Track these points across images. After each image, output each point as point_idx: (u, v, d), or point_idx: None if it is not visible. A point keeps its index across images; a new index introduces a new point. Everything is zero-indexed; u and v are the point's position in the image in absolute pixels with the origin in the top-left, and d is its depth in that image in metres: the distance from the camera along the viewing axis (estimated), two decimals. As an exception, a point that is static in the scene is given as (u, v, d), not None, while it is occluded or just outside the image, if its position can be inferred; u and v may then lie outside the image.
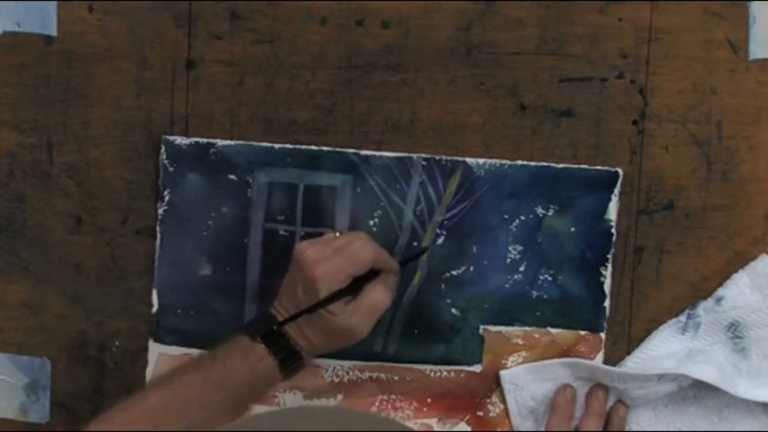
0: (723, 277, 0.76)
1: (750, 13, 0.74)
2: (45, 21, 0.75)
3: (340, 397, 0.77)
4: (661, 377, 0.74)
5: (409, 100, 0.75)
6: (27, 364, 0.78)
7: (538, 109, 0.75)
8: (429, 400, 0.77)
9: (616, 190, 0.75)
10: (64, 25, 0.75)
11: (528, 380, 0.76)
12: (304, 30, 0.75)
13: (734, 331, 0.75)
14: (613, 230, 0.75)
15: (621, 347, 0.77)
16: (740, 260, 0.76)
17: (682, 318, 0.76)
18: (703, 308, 0.76)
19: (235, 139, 0.75)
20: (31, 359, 0.78)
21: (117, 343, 0.77)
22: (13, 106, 0.76)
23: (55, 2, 0.75)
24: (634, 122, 0.75)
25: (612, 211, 0.75)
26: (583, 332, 0.76)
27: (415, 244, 0.76)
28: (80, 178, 0.76)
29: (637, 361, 0.76)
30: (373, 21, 0.75)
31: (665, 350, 0.76)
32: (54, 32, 0.75)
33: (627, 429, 0.76)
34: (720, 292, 0.76)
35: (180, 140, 0.75)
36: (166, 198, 0.76)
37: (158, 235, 0.76)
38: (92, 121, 0.76)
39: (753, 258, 0.76)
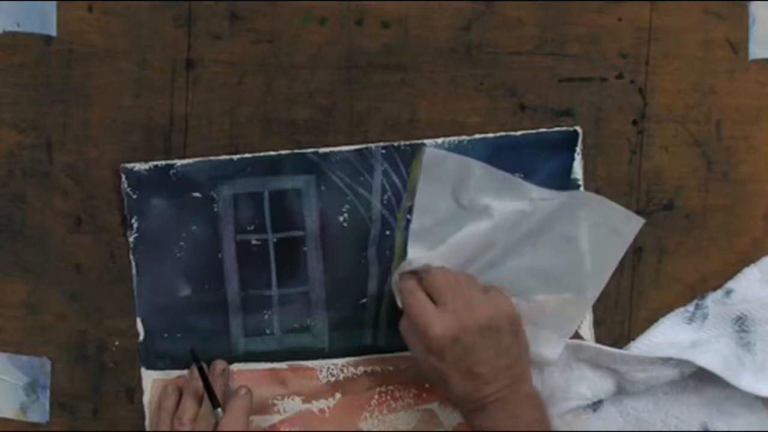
0: (723, 278, 0.76)
1: (750, 13, 0.74)
2: (45, 21, 0.75)
3: (338, 395, 0.77)
4: (665, 361, 0.74)
5: (409, 100, 0.75)
6: (26, 363, 0.78)
7: (538, 109, 0.75)
8: (427, 385, 0.77)
9: (578, 149, 0.75)
10: (64, 25, 0.75)
11: None
12: (304, 30, 0.75)
13: (741, 324, 0.75)
14: (581, 189, 0.75)
15: (620, 347, 0.76)
16: (740, 260, 0.76)
17: (690, 308, 0.76)
18: (712, 299, 0.76)
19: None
20: (30, 359, 0.78)
21: (117, 343, 0.77)
22: (12, 106, 0.76)
23: (54, 2, 0.75)
24: (634, 122, 0.75)
25: (577, 170, 0.75)
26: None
27: (388, 233, 0.76)
28: (80, 178, 0.76)
29: (641, 347, 0.76)
30: (373, 21, 0.75)
31: (670, 338, 0.76)
32: (54, 32, 0.75)
33: (624, 415, 0.76)
34: (730, 284, 0.76)
35: (138, 166, 0.75)
36: (135, 226, 0.76)
37: (133, 264, 0.76)
38: (92, 121, 0.76)
39: (753, 258, 0.76)
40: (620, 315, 0.77)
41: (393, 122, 0.76)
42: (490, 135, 0.75)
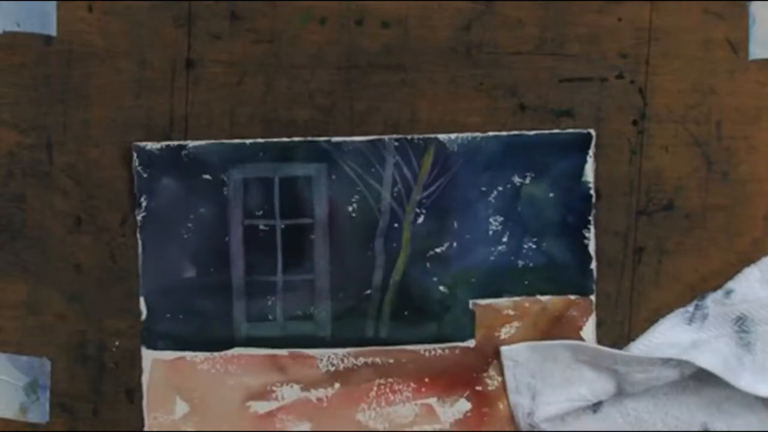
0: (723, 278, 0.76)
1: (750, 13, 0.74)
2: (45, 21, 0.75)
3: (337, 385, 0.77)
4: (665, 362, 0.74)
5: (409, 100, 0.75)
6: (26, 364, 0.78)
7: (538, 109, 0.75)
8: (426, 379, 0.77)
9: (591, 152, 0.75)
10: (64, 25, 0.75)
11: (529, 358, 0.76)
12: (304, 30, 0.75)
13: (741, 325, 0.75)
14: (592, 191, 0.75)
15: (621, 348, 0.77)
16: (740, 261, 0.76)
17: (690, 308, 0.76)
18: (712, 300, 0.76)
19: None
20: (30, 359, 0.78)
21: (117, 343, 0.77)
22: (12, 106, 0.76)
23: (54, 2, 0.75)
24: (634, 122, 0.75)
25: (589, 173, 0.75)
26: (572, 296, 0.76)
27: (396, 225, 0.76)
28: (80, 178, 0.76)
29: (641, 348, 0.76)
30: (373, 21, 0.75)
31: (670, 339, 0.76)
32: (54, 32, 0.75)
33: (625, 416, 0.77)
34: (730, 285, 0.76)
35: (151, 146, 0.75)
36: (143, 205, 0.76)
37: (139, 243, 0.76)
38: (92, 121, 0.76)
39: (753, 258, 0.76)
40: (620, 315, 0.77)
41: (393, 122, 0.76)
42: (503, 133, 0.75)
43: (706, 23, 0.75)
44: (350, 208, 0.76)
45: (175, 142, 0.75)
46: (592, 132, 0.75)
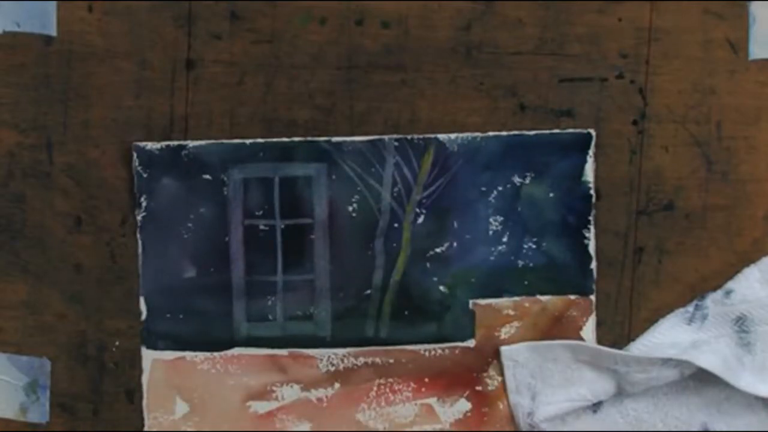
0: (723, 278, 0.76)
1: (750, 13, 0.75)
2: (45, 21, 0.75)
3: (337, 385, 0.77)
4: (665, 362, 0.74)
5: (409, 100, 0.75)
6: (26, 364, 0.78)
7: (538, 110, 0.75)
8: (426, 379, 0.77)
9: (591, 152, 0.75)
10: (64, 25, 0.75)
11: (529, 358, 0.76)
12: (304, 30, 0.75)
13: (741, 325, 0.75)
14: (592, 191, 0.75)
15: (620, 348, 0.77)
16: (740, 261, 0.76)
17: (690, 308, 0.76)
18: (712, 300, 0.76)
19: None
20: (30, 359, 0.78)
21: (117, 343, 0.77)
22: (12, 106, 0.76)
23: (54, 2, 0.75)
24: (634, 122, 0.75)
25: (589, 173, 0.75)
26: (572, 296, 0.76)
27: (396, 225, 0.76)
28: (80, 178, 0.76)
29: (641, 348, 0.76)
30: (373, 21, 0.75)
31: (670, 339, 0.76)
32: (54, 32, 0.75)
33: (625, 416, 0.77)
34: (730, 285, 0.76)
35: (151, 146, 0.75)
36: (143, 205, 0.76)
37: (139, 243, 0.76)
38: (92, 121, 0.76)
39: (753, 258, 0.76)
40: (620, 315, 0.77)
41: (393, 122, 0.76)
42: (503, 133, 0.75)
43: (706, 23, 0.75)
44: (350, 208, 0.76)
45: (175, 142, 0.76)
46: (592, 132, 0.75)
